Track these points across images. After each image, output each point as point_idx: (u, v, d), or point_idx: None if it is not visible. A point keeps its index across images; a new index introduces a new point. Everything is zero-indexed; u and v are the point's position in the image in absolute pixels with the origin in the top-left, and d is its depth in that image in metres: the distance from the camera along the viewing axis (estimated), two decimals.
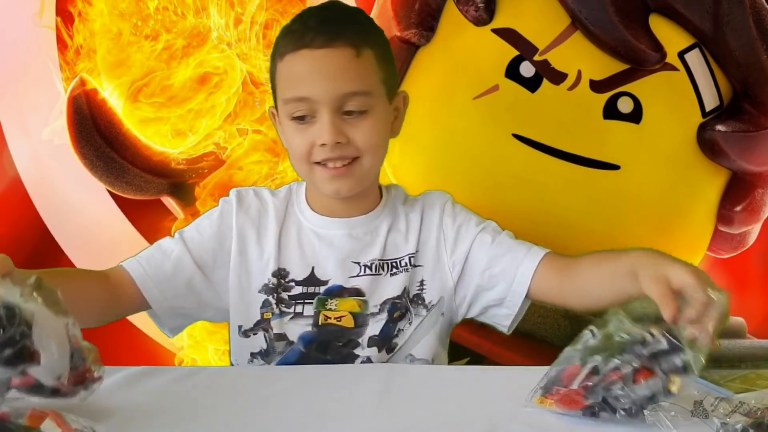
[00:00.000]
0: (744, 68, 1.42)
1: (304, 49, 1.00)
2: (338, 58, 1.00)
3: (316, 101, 1.00)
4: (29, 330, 0.64)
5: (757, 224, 1.56)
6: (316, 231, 1.10)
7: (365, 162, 1.04)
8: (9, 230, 1.64)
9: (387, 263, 1.09)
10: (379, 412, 0.82)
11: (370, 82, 1.03)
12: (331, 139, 1.00)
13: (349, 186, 1.05)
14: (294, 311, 1.07)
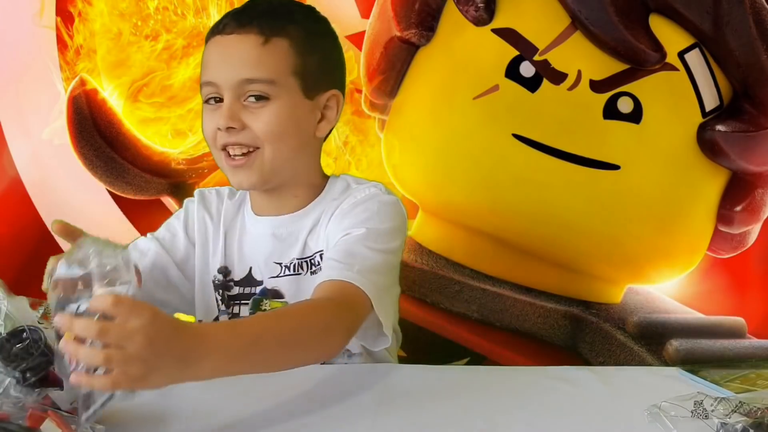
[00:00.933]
0: (744, 68, 1.42)
1: (217, 35, 1.02)
2: (243, 44, 1.00)
3: (220, 86, 1.00)
4: (52, 355, 0.65)
5: (757, 224, 1.56)
6: (252, 230, 1.09)
7: (266, 153, 1.00)
8: (9, 230, 1.64)
9: (306, 262, 1.06)
10: (379, 412, 0.82)
11: (276, 71, 1.00)
12: (224, 123, 0.99)
13: (251, 178, 1.02)
14: (232, 312, 1.07)
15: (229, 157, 1.01)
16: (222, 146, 1.01)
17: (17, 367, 0.64)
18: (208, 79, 1.02)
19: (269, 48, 1.00)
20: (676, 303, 1.62)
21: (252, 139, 1.00)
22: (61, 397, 0.66)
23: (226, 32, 1.01)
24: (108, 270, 0.66)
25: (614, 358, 1.51)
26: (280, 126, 1.00)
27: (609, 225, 1.47)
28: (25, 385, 0.64)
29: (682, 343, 1.48)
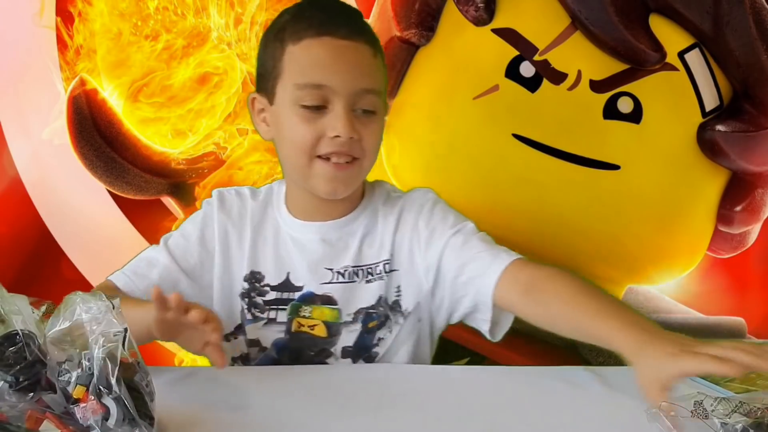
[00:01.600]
0: (744, 68, 1.42)
1: (327, 36, 0.97)
2: (360, 53, 0.98)
3: (334, 91, 0.96)
4: (45, 359, 0.65)
5: (757, 224, 1.56)
6: (291, 234, 1.06)
7: (365, 164, 1.01)
8: (9, 230, 1.64)
9: (362, 270, 1.04)
10: (379, 412, 0.82)
11: (381, 84, 1.01)
12: (346, 132, 0.96)
13: (346, 187, 1.01)
14: (267, 317, 1.04)
15: (329, 164, 0.98)
16: (326, 154, 0.98)
17: (10, 371, 0.64)
18: (319, 82, 0.96)
19: (377, 61, 1.01)
20: (676, 303, 1.62)
21: (359, 150, 0.99)
22: (55, 400, 0.66)
23: (339, 36, 0.97)
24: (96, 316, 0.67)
25: (614, 358, 1.50)
26: (379, 139, 1.02)
27: (609, 225, 1.47)
28: (18, 389, 0.64)
29: None
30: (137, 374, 0.68)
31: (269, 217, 1.07)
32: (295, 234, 1.06)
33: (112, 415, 0.65)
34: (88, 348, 0.66)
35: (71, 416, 0.66)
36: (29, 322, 0.67)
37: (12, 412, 0.65)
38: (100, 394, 0.65)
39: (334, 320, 1.03)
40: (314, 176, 1.00)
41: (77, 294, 0.69)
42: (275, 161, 1.62)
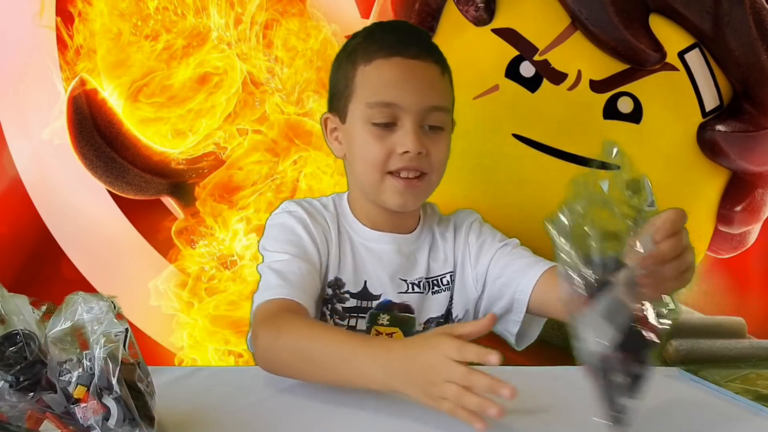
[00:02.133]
0: (744, 68, 1.42)
1: (397, 56, 1.02)
2: (428, 72, 1.04)
3: (403, 109, 1.01)
4: (45, 359, 0.65)
5: (757, 224, 1.56)
6: (366, 245, 1.10)
7: (433, 179, 1.06)
8: (9, 230, 1.64)
9: (430, 281, 1.11)
10: (379, 412, 0.82)
11: (449, 101, 1.07)
12: (415, 147, 1.01)
13: (415, 200, 1.06)
14: (348, 324, 1.07)
15: (399, 178, 1.03)
16: (396, 170, 1.02)
17: (10, 370, 0.64)
18: (389, 101, 1.01)
19: (444, 79, 1.07)
20: None
21: (428, 165, 1.04)
22: (56, 400, 0.66)
23: (408, 56, 1.02)
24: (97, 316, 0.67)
25: None
26: (446, 155, 1.07)
27: None
28: (19, 389, 0.64)
29: (682, 343, 1.47)
30: (138, 374, 0.68)
31: (343, 229, 1.11)
32: (370, 244, 1.10)
33: (112, 415, 0.65)
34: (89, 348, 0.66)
35: (71, 416, 0.66)
36: (30, 322, 0.67)
37: (12, 412, 0.65)
38: (100, 394, 0.65)
39: (411, 328, 1.08)
40: (385, 191, 1.04)
41: (79, 294, 0.69)
42: (275, 161, 1.62)
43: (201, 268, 1.63)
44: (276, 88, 1.60)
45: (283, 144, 1.61)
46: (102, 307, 0.68)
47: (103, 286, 1.63)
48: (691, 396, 0.90)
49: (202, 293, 1.62)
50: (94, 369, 0.65)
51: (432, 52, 1.06)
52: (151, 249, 1.64)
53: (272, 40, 1.59)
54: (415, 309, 1.09)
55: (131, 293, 1.64)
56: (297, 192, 1.61)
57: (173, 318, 1.64)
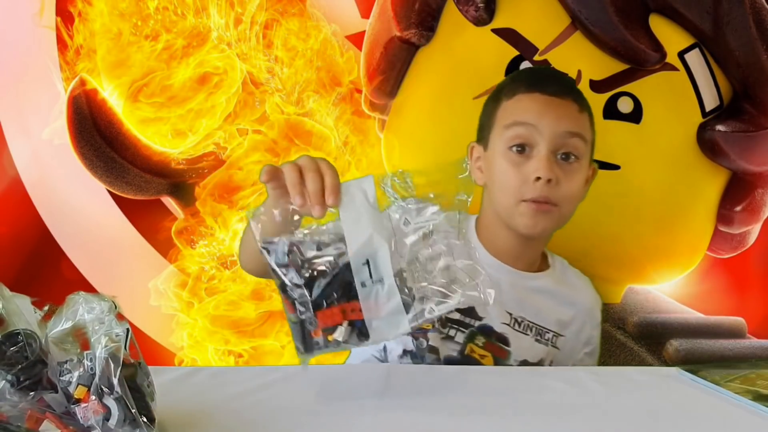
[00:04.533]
0: (744, 68, 1.42)
1: (537, 92, 1.10)
2: (565, 105, 1.10)
3: (539, 132, 1.07)
4: (46, 358, 0.65)
5: (757, 224, 1.56)
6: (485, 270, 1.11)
7: (564, 211, 1.10)
8: (9, 230, 1.64)
9: (535, 327, 1.13)
10: (379, 412, 0.82)
11: (587, 133, 1.11)
12: (546, 174, 1.05)
13: (544, 225, 1.09)
14: (447, 333, 1.10)
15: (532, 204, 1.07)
16: (529, 198, 1.07)
17: (11, 370, 0.64)
18: (526, 121, 1.08)
19: (583, 116, 1.11)
20: (676, 303, 1.62)
21: (558, 195, 1.07)
22: (56, 400, 0.66)
23: (548, 93, 1.09)
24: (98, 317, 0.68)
25: (614, 358, 1.51)
26: (579, 188, 1.11)
27: (609, 225, 1.47)
28: (20, 388, 0.64)
29: (682, 343, 1.48)
30: (139, 374, 0.68)
31: None
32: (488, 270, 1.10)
33: (113, 416, 0.65)
34: (90, 348, 0.66)
35: (72, 416, 0.66)
36: (31, 322, 0.67)
37: (12, 412, 0.65)
38: (101, 394, 0.65)
39: (504, 360, 1.11)
40: (518, 215, 1.09)
41: (80, 294, 0.69)
42: (275, 161, 1.62)
43: (201, 268, 1.63)
44: (276, 88, 1.60)
45: (283, 144, 1.61)
46: (103, 308, 0.68)
47: (103, 286, 1.63)
48: (691, 396, 0.90)
49: (202, 293, 1.62)
50: (95, 369, 0.65)
51: (572, 91, 1.12)
52: (151, 249, 1.64)
53: (272, 40, 1.59)
54: (512, 343, 1.11)
55: (131, 293, 1.64)
56: None
57: (173, 318, 1.64)
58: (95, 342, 0.66)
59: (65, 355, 0.66)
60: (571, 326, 1.17)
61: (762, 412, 0.82)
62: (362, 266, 0.76)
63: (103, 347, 0.65)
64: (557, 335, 1.15)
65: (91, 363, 0.65)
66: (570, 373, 0.99)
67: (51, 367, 0.65)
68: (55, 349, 0.66)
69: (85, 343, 0.67)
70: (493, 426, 0.79)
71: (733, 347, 1.51)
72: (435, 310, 0.78)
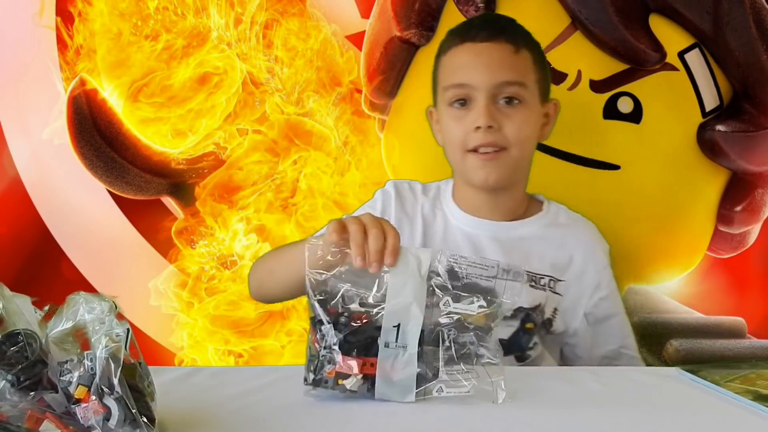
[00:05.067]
0: (744, 68, 1.42)
1: (467, 42, 1.11)
2: (498, 51, 1.10)
3: (474, 87, 1.07)
4: (46, 358, 0.65)
5: (757, 224, 1.56)
6: (462, 228, 1.15)
7: (513, 153, 1.09)
8: (9, 230, 1.64)
9: (528, 274, 1.13)
10: (379, 412, 0.82)
11: (526, 77, 1.10)
12: (485, 121, 1.06)
13: (498, 175, 1.10)
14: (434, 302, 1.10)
15: (478, 155, 1.09)
16: (474, 147, 1.09)
17: (11, 370, 0.64)
18: (460, 82, 1.10)
19: (520, 56, 1.11)
20: (676, 303, 1.62)
21: (503, 140, 1.08)
22: (56, 400, 0.66)
23: (478, 40, 1.10)
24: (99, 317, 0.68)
25: None
26: (527, 129, 1.11)
27: (609, 225, 1.47)
28: (20, 388, 0.64)
29: (682, 343, 1.47)
30: (139, 375, 0.68)
31: (439, 212, 1.17)
32: (465, 228, 1.15)
33: (113, 416, 0.65)
34: (90, 348, 0.66)
35: (72, 416, 0.66)
36: (31, 322, 0.67)
37: (13, 412, 0.65)
38: (101, 394, 0.65)
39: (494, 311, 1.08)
40: (468, 168, 1.12)
41: (80, 294, 0.69)
42: (275, 161, 1.62)
43: (201, 268, 1.63)
44: (276, 88, 1.60)
45: (283, 144, 1.61)
46: (104, 308, 0.68)
47: (103, 286, 1.63)
48: (691, 396, 0.90)
49: (202, 293, 1.62)
50: (95, 369, 0.65)
51: (505, 32, 1.11)
52: (151, 249, 1.64)
53: (272, 40, 1.59)
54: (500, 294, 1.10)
55: (131, 293, 1.63)
56: (297, 192, 1.61)
57: (173, 318, 1.64)
58: (96, 342, 0.66)
59: (65, 355, 0.66)
60: (570, 269, 1.15)
61: (762, 412, 0.82)
62: (392, 328, 0.80)
63: (104, 347, 0.65)
64: (555, 280, 1.14)
65: (92, 363, 0.65)
66: (570, 373, 0.99)
67: (51, 367, 0.65)
68: (55, 349, 0.66)
69: (85, 343, 0.67)
70: (493, 425, 0.79)
71: (733, 347, 1.51)
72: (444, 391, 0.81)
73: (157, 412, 0.70)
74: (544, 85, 1.15)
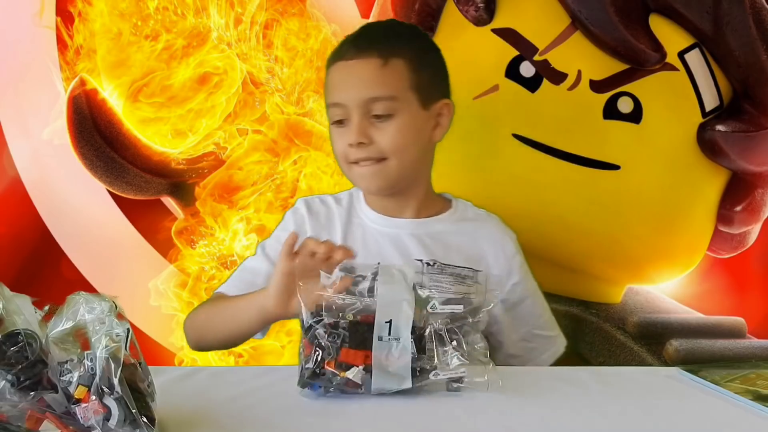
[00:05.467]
0: (744, 68, 1.42)
1: (339, 61, 1.13)
2: (364, 67, 1.11)
3: (346, 106, 1.10)
4: (46, 359, 0.65)
5: (757, 224, 1.56)
6: (380, 229, 1.17)
7: (392, 163, 1.11)
8: (9, 230, 1.64)
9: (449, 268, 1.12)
10: (379, 412, 0.82)
11: (397, 89, 1.11)
12: (355, 139, 1.09)
13: (378, 184, 1.14)
14: None
15: (359, 166, 1.12)
16: (354, 161, 1.12)
17: (11, 370, 0.64)
18: (335, 101, 1.12)
19: (388, 69, 1.11)
20: (676, 303, 1.62)
21: (377, 152, 1.11)
22: (56, 400, 0.66)
23: (347, 58, 1.12)
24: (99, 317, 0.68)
25: (614, 358, 1.51)
26: (403, 138, 1.12)
27: (609, 225, 1.47)
28: (20, 388, 0.64)
29: (682, 343, 1.47)
30: (139, 375, 0.68)
31: (355, 218, 1.19)
32: (384, 229, 1.17)
33: (113, 416, 0.65)
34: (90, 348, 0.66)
35: (72, 416, 0.66)
36: (31, 322, 0.67)
37: (13, 412, 0.65)
38: (101, 394, 0.65)
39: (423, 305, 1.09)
40: (354, 178, 1.16)
41: (80, 294, 0.69)
42: (275, 161, 1.62)
43: (201, 268, 1.63)
44: (276, 88, 1.60)
45: (283, 144, 1.61)
46: (104, 308, 0.68)
47: (103, 286, 1.63)
48: (691, 396, 0.90)
49: (202, 293, 1.62)
50: (95, 369, 0.65)
51: (372, 46, 1.11)
52: (151, 249, 1.65)
53: (272, 40, 1.60)
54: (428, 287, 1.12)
55: (131, 293, 1.64)
56: (297, 192, 1.61)
57: (173, 318, 1.64)
58: (96, 342, 0.66)
59: (66, 355, 0.66)
60: (483, 260, 1.17)
61: (762, 412, 0.82)
62: (385, 324, 0.85)
63: (104, 347, 0.65)
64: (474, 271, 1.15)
65: (92, 363, 0.65)
66: (570, 373, 0.99)
67: (51, 367, 0.65)
68: (55, 349, 0.66)
69: (85, 343, 0.67)
70: (493, 425, 0.79)
71: (733, 347, 1.51)
72: (440, 375, 0.85)
73: (157, 412, 0.70)
74: (428, 88, 1.15)
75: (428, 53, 1.19)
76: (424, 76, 1.14)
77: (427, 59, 1.17)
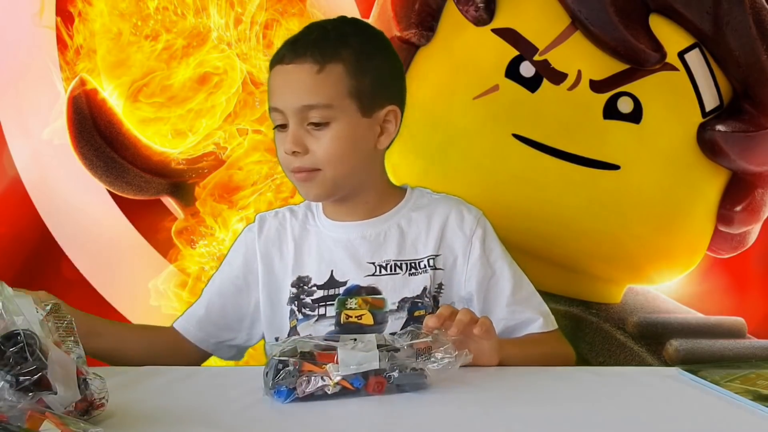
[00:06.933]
0: (744, 68, 1.42)
1: (278, 64, 1.09)
2: (300, 73, 1.07)
3: (284, 112, 1.07)
4: (46, 360, 0.66)
5: (757, 224, 1.56)
6: (333, 236, 1.16)
7: (326, 173, 1.08)
8: (9, 230, 1.64)
9: (404, 263, 1.13)
10: (380, 412, 0.82)
11: (332, 96, 1.06)
12: (290, 147, 1.07)
13: (316, 193, 1.12)
14: (318, 313, 1.12)
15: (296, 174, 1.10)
16: (292, 169, 1.10)
17: (11, 371, 0.64)
18: (273, 106, 1.09)
19: (324, 75, 1.06)
20: (676, 303, 1.62)
21: (313, 162, 1.08)
22: (55, 401, 0.66)
23: (284, 62, 1.08)
24: None
25: (614, 358, 1.51)
26: (339, 148, 1.08)
27: (609, 225, 1.47)
28: (19, 389, 0.64)
29: (682, 343, 1.48)
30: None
31: (311, 228, 1.18)
32: (336, 235, 1.16)
33: None
34: None
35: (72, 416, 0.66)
36: (32, 322, 0.67)
37: (12, 412, 0.65)
38: None
39: (380, 309, 1.11)
40: (296, 186, 1.13)
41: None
42: (275, 161, 1.62)
43: (201, 268, 1.63)
44: None
45: None
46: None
47: (103, 286, 1.64)
48: (691, 396, 0.90)
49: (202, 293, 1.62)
50: None
51: (309, 50, 1.07)
52: (151, 249, 1.65)
53: (272, 40, 1.59)
54: (383, 290, 1.12)
55: (131, 293, 1.64)
56: (297, 192, 1.61)
57: (173, 318, 1.64)
58: None
59: None
60: (444, 242, 1.15)
61: (762, 412, 0.82)
62: (351, 341, 0.87)
63: None
64: (433, 257, 1.14)
65: None
66: (570, 373, 0.99)
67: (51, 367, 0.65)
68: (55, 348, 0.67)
69: None
70: (493, 425, 0.79)
71: (733, 347, 1.51)
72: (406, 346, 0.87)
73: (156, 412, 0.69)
74: (370, 95, 1.09)
75: (373, 57, 1.11)
76: (365, 81, 1.08)
77: (372, 63, 1.10)
